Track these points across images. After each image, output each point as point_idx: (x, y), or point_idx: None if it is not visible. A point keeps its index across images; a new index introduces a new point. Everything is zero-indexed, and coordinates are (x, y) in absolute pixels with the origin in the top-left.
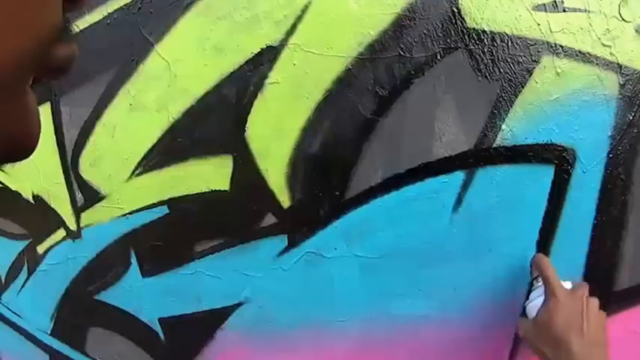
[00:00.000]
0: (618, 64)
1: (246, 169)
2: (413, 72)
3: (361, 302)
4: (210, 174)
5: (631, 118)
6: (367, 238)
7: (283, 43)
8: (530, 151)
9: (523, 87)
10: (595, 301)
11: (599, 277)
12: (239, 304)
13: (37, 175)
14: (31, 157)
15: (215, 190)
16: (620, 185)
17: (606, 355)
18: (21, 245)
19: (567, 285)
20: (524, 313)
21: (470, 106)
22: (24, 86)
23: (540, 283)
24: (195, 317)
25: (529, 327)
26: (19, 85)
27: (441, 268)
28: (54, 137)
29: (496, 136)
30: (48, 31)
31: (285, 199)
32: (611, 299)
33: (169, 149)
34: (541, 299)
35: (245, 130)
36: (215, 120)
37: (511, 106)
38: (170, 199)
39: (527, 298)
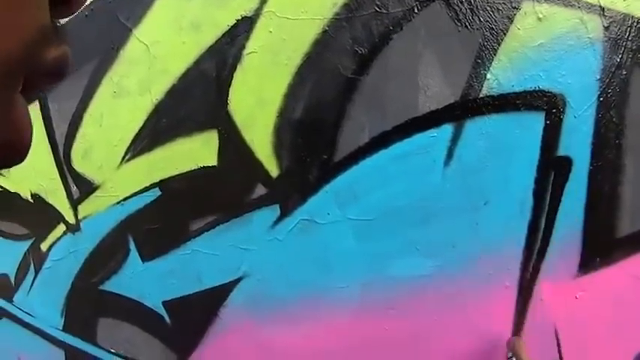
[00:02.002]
0: (600, 6)
1: (233, 142)
2: (391, 28)
3: (359, 267)
4: (197, 151)
5: (618, 60)
6: (359, 200)
7: (258, 12)
8: (519, 99)
9: (505, 34)
10: None
11: (599, 225)
12: (239, 279)
13: (32, 173)
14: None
15: (204, 167)
16: (614, 129)
17: None
18: (25, 245)
19: None
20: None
21: (452, 57)
22: (12, 93)
23: None
24: (198, 297)
25: None
26: (7, 92)
27: (437, 225)
28: (45, 134)
29: (482, 86)
30: (34, 34)
31: (273, 168)
32: (613, 247)
33: (155, 131)
34: None
35: (227, 103)
36: (197, 96)
37: (494, 55)
38: (161, 181)
39: None
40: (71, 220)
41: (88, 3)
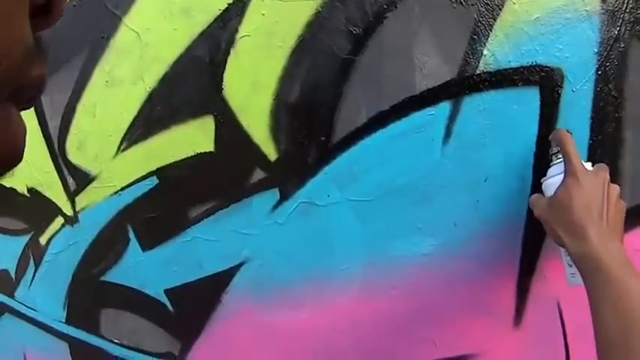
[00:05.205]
0: None
1: (229, 127)
2: (385, 6)
3: (361, 247)
4: (193, 137)
5: (616, 32)
6: (359, 181)
7: None
8: (516, 75)
9: (501, 9)
10: (616, 188)
11: None
12: (240, 265)
13: (27, 168)
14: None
15: (201, 153)
16: (613, 102)
17: (622, 247)
18: (24, 240)
19: (588, 166)
20: (540, 191)
21: (448, 34)
22: (3, 107)
23: (560, 160)
24: (200, 284)
25: (545, 206)
26: None
27: (438, 204)
28: (39, 128)
29: (478, 63)
30: (16, 52)
31: (271, 152)
32: None
33: (150, 119)
34: (560, 177)
35: (222, 89)
36: (191, 83)
37: (490, 31)
38: (158, 169)
39: (546, 174)
40: (69, 212)
41: None
